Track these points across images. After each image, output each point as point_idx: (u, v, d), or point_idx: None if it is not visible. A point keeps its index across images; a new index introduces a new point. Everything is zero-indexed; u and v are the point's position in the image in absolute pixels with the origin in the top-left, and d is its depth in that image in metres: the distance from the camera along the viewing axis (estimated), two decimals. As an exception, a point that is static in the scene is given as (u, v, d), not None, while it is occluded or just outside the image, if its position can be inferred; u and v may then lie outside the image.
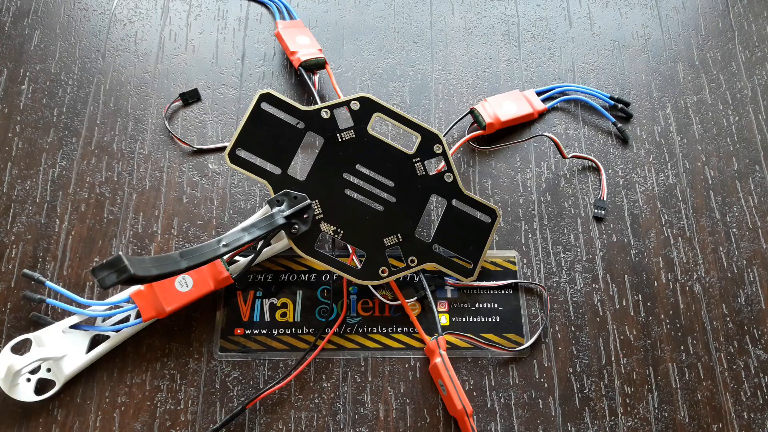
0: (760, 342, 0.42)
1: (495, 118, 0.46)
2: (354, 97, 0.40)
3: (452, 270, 0.40)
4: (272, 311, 0.41)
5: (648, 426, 0.39)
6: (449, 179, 0.40)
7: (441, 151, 0.40)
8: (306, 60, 0.46)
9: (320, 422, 0.39)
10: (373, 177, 0.39)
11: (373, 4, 0.53)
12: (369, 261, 0.38)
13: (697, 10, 0.55)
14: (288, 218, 0.37)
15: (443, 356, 0.38)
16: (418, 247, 0.39)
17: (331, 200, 0.39)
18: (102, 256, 0.42)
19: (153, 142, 0.46)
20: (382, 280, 0.38)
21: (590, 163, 0.47)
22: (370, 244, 0.39)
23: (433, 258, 0.39)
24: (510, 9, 0.54)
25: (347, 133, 0.39)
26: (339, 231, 0.38)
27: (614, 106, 0.49)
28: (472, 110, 0.46)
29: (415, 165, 0.40)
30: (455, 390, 0.37)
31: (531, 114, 0.48)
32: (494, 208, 0.41)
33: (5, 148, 0.45)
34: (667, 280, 0.44)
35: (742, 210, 0.46)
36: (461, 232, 0.40)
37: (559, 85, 0.50)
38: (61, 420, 0.37)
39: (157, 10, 0.51)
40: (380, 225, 0.39)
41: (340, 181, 0.39)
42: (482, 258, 0.40)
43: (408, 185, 0.39)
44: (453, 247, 0.40)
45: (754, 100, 0.51)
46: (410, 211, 0.39)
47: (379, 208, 0.39)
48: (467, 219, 0.40)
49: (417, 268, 0.39)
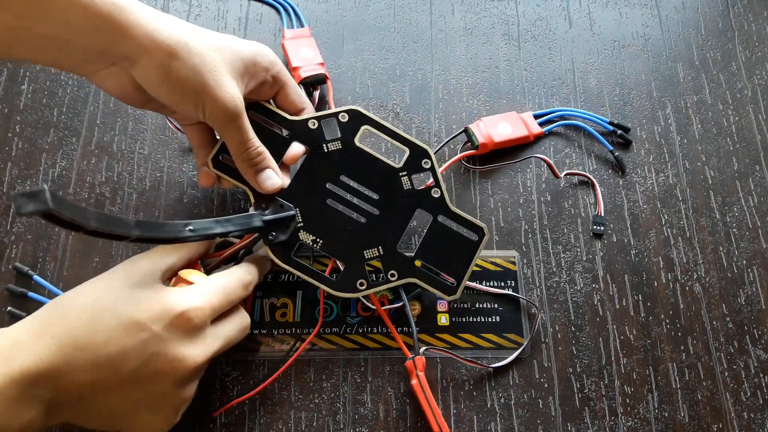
0: (760, 342, 0.42)
1: (488, 139, 0.46)
2: (343, 109, 0.40)
3: (434, 287, 0.38)
4: (272, 311, 0.41)
5: (648, 426, 0.40)
6: (436, 194, 0.39)
7: (429, 166, 0.40)
8: (306, 77, 0.46)
9: (320, 422, 0.39)
10: (358, 189, 0.39)
11: (373, 4, 0.53)
12: (347, 273, 0.38)
13: (697, 10, 0.55)
14: (267, 223, 0.37)
15: (419, 377, 0.37)
16: (399, 261, 0.38)
17: (313, 209, 0.38)
18: (102, 257, 0.42)
19: (153, 142, 0.46)
20: (359, 293, 0.38)
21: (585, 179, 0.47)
22: (349, 256, 0.38)
23: (415, 274, 0.38)
24: (510, 9, 0.54)
25: (334, 144, 0.39)
26: (318, 241, 0.38)
27: (613, 132, 0.48)
28: (466, 129, 0.46)
29: (401, 178, 0.39)
30: (432, 414, 0.36)
31: (526, 137, 0.47)
32: (481, 226, 0.39)
33: (5, 148, 0.45)
34: (667, 280, 0.44)
35: (742, 210, 0.46)
36: (446, 248, 0.39)
37: (559, 108, 0.49)
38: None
39: (157, 9, 0.51)
40: (362, 237, 0.38)
41: (324, 191, 0.39)
42: (466, 277, 0.39)
43: (393, 198, 0.39)
44: (437, 264, 0.39)
45: (754, 100, 0.51)
46: (394, 225, 0.39)
47: (361, 220, 0.39)
48: (453, 235, 0.39)
49: (396, 283, 0.38)
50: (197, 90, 0.34)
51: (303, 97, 0.41)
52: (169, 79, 0.33)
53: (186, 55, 0.33)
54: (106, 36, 0.31)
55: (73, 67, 0.33)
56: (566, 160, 0.48)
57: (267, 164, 0.38)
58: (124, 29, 0.31)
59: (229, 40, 0.36)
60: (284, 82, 0.39)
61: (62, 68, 0.34)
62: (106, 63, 0.33)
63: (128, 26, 0.32)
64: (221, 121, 0.35)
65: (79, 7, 0.30)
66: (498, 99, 0.50)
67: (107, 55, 0.32)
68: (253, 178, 0.37)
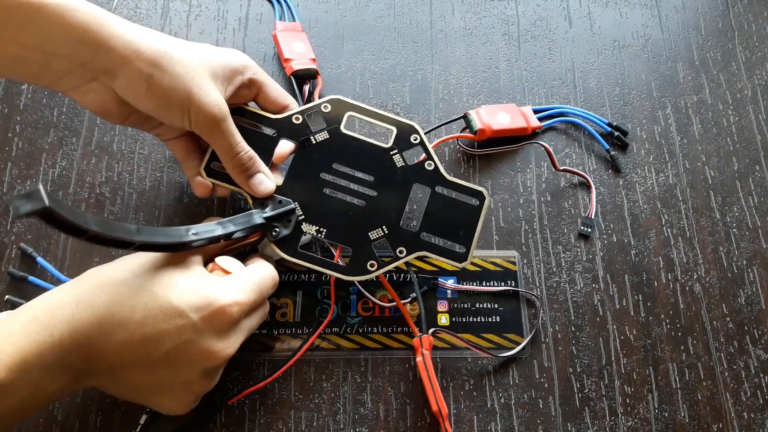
0: (760, 342, 0.42)
1: (487, 126, 0.46)
2: (324, 101, 0.40)
3: (444, 256, 0.39)
4: (272, 311, 0.41)
5: (648, 426, 0.40)
6: (430, 167, 0.40)
7: (418, 141, 0.40)
8: (297, 70, 0.47)
9: (320, 422, 0.39)
10: (352, 174, 0.39)
11: (373, 4, 0.53)
12: (356, 256, 0.38)
13: (697, 10, 0.55)
14: (268, 220, 0.37)
15: (424, 356, 0.38)
16: (405, 237, 0.39)
17: (311, 201, 0.39)
18: (102, 257, 0.42)
19: (153, 142, 0.46)
20: (370, 274, 0.38)
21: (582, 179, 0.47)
22: (355, 240, 0.39)
23: (423, 246, 0.39)
24: (510, 9, 0.54)
25: (321, 134, 0.40)
26: (321, 230, 0.38)
27: (611, 133, 0.48)
28: (465, 115, 0.46)
29: (393, 157, 0.40)
30: (432, 390, 0.37)
31: (524, 128, 0.47)
32: (480, 190, 0.40)
33: (5, 148, 0.45)
34: (667, 280, 0.44)
35: (742, 210, 0.46)
36: (449, 218, 0.40)
37: (559, 105, 0.49)
38: (61, 420, 0.37)
39: (157, 10, 0.51)
40: (364, 220, 0.39)
41: (318, 181, 0.39)
42: (475, 241, 0.39)
43: (388, 178, 0.39)
44: (443, 234, 0.39)
45: (754, 100, 0.51)
46: (393, 203, 0.39)
47: (360, 203, 0.39)
48: (454, 204, 0.40)
49: (406, 258, 0.39)
50: (182, 97, 0.34)
51: (284, 94, 0.41)
52: (153, 89, 0.33)
53: (168, 63, 0.33)
54: (88, 48, 0.32)
55: (53, 82, 0.34)
56: (566, 159, 0.48)
57: (258, 168, 0.38)
58: (106, 40, 0.32)
59: (205, 49, 0.37)
60: (262, 83, 0.40)
61: (42, 84, 0.34)
62: (87, 77, 0.33)
63: (109, 38, 0.32)
64: (208, 127, 0.35)
65: (61, 20, 0.31)
66: (498, 99, 0.50)
67: (89, 68, 0.33)
68: (245, 184, 0.38)
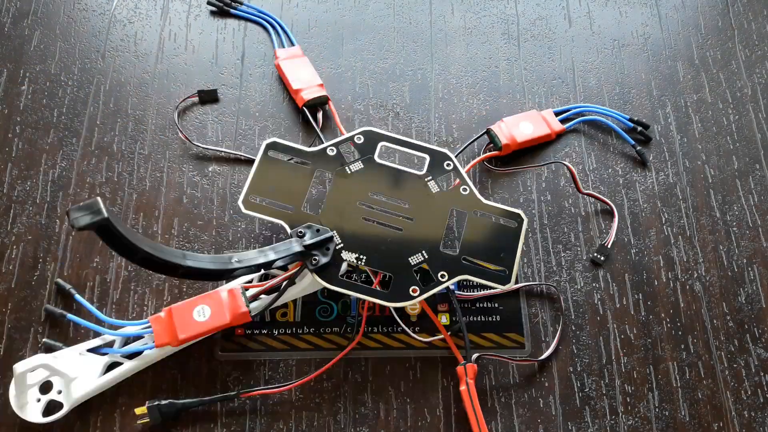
0: (760, 340, 0.42)
1: (511, 139, 0.46)
2: (357, 132, 0.41)
3: (486, 279, 0.38)
4: (272, 311, 0.41)
5: (648, 425, 0.40)
6: (465, 192, 0.40)
7: (452, 167, 0.41)
8: (308, 100, 0.47)
9: (321, 422, 0.39)
10: (388, 201, 0.40)
11: (373, 4, 0.53)
12: (397, 282, 0.38)
13: (696, 8, 0.55)
14: (307, 247, 0.37)
15: (469, 385, 0.38)
16: (446, 261, 0.38)
17: (350, 230, 0.39)
18: (102, 257, 0.42)
19: (153, 142, 0.46)
20: (413, 299, 0.38)
21: (605, 206, 0.47)
22: (395, 266, 0.38)
23: (464, 270, 0.38)
24: (510, 8, 0.54)
25: (355, 165, 0.40)
26: (361, 258, 0.38)
27: (633, 129, 0.48)
28: (489, 130, 0.46)
29: (428, 183, 0.40)
30: (477, 423, 0.37)
31: (548, 135, 0.47)
32: (518, 212, 0.40)
33: (5, 148, 0.45)
34: (667, 278, 0.44)
35: (742, 208, 0.46)
36: (489, 240, 0.39)
37: (577, 105, 0.49)
38: (61, 420, 0.37)
39: (157, 10, 0.51)
40: (403, 246, 0.39)
41: (356, 210, 0.39)
42: (516, 263, 0.39)
43: (424, 204, 0.40)
44: (483, 257, 0.39)
45: (754, 98, 0.51)
46: (432, 229, 0.39)
47: (398, 230, 0.39)
48: (492, 227, 0.40)
49: (448, 282, 0.38)
50: None
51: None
52: None
53: None
54: None
55: None
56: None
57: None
58: None
59: None
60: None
61: None
62: None
63: None
64: None
65: None
66: (498, 98, 0.50)
67: None
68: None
